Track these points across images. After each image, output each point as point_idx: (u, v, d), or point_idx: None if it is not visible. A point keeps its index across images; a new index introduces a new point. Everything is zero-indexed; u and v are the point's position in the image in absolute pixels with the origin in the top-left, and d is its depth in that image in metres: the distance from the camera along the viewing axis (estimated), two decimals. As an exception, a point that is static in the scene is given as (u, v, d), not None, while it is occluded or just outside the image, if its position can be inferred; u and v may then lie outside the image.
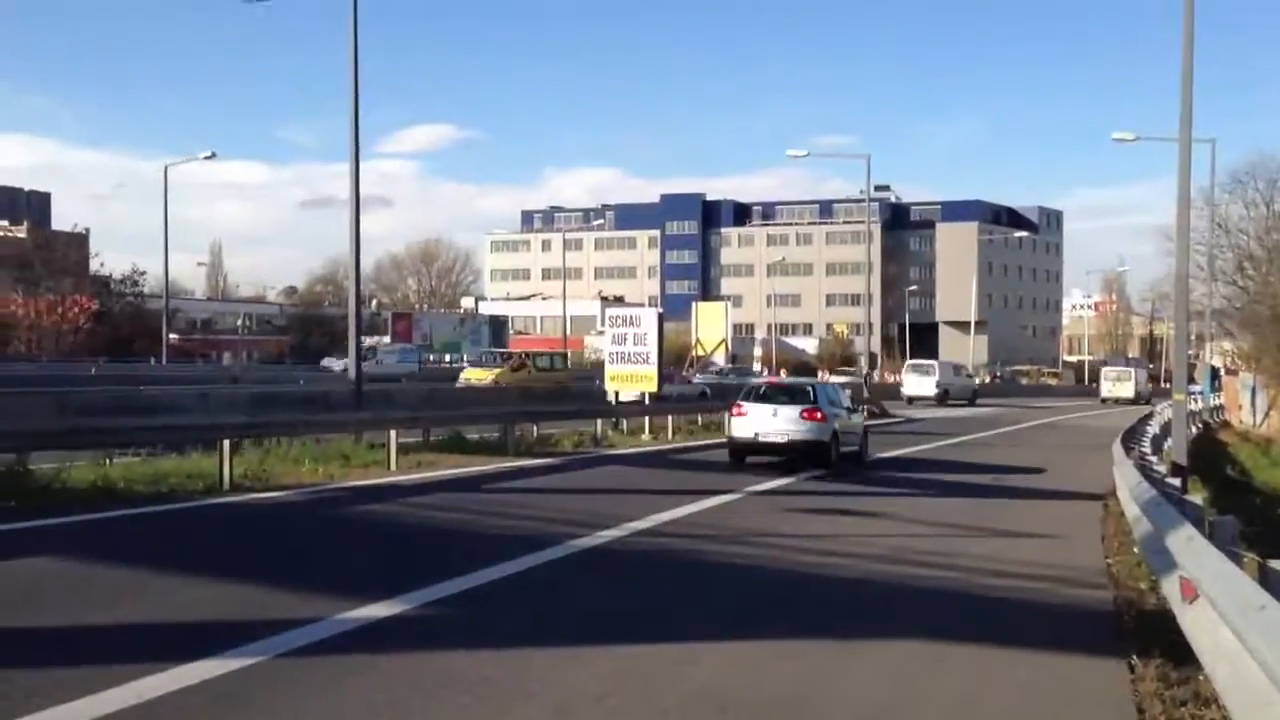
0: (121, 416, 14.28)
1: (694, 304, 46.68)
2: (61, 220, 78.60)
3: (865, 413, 37.65)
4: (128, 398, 17.23)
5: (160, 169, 47.21)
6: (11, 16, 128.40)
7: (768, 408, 19.01)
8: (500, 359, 44.27)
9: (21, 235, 65.97)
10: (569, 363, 49.50)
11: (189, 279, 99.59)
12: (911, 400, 52.25)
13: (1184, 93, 16.24)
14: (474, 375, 39.99)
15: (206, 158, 48.00)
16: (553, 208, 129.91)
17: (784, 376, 46.61)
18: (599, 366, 27.25)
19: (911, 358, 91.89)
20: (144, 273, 60.78)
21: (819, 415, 18.73)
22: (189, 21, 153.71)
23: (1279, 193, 52.93)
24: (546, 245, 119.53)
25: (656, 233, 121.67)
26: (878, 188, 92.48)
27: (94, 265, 61.40)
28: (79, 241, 68.49)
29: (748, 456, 19.04)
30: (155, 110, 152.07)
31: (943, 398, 52.62)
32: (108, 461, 14.10)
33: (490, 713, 5.42)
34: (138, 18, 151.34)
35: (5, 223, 70.85)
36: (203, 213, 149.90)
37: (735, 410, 19.52)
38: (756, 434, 18.73)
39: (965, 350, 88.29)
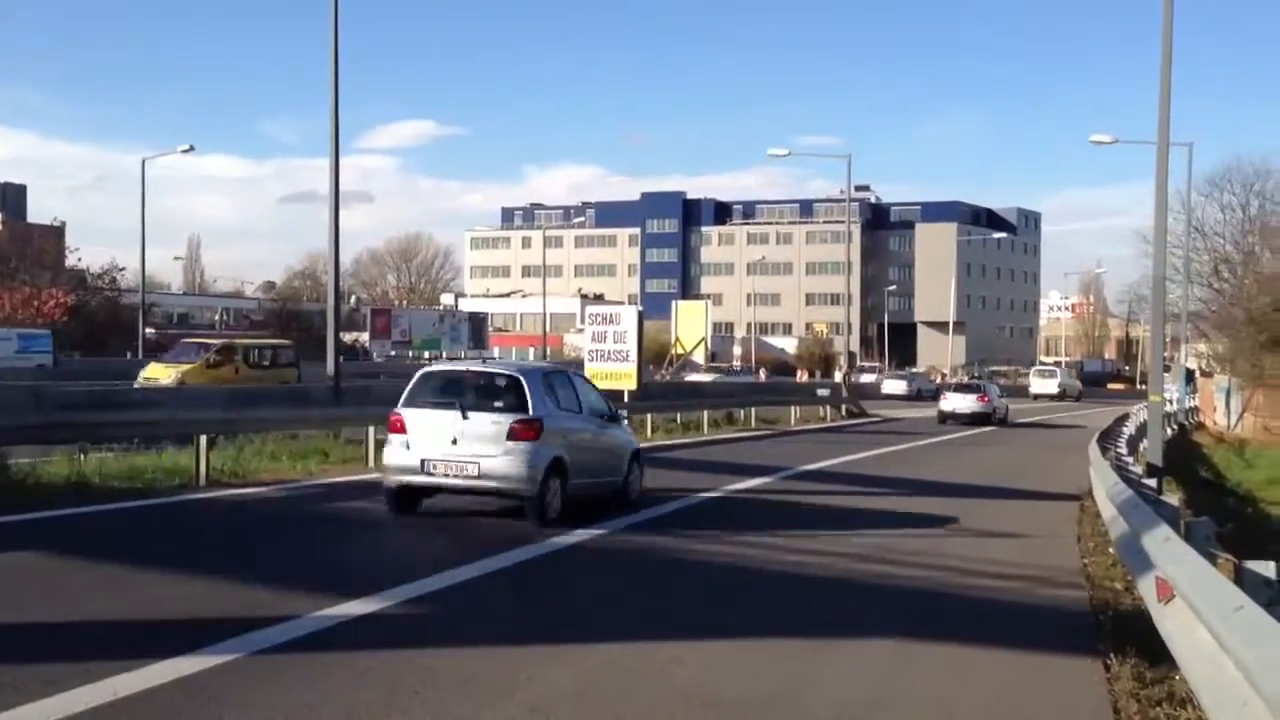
0: (97, 411, 14.17)
1: (674, 302, 46.61)
2: (38, 213, 78.07)
3: (845, 411, 38.22)
4: (104, 392, 17.09)
5: (139, 162, 46.92)
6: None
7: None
8: (198, 351, 30.96)
9: (-4, 228, 65.38)
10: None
11: (166, 273, 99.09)
12: (1037, 398, 60.95)
13: (1162, 97, 16.35)
14: (154, 373, 28.84)
15: (185, 151, 47.69)
16: (533, 205, 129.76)
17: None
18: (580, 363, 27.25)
19: (890, 357, 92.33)
20: (123, 269, 60.36)
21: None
22: (168, 14, 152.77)
23: (1255, 197, 53.49)
24: (527, 242, 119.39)
25: (637, 231, 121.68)
26: (858, 188, 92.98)
27: (71, 259, 60.86)
28: (55, 235, 67.91)
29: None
30: (134, 104, 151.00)
31: (1061, 395, 60.81)
32: (83, 457, 13.98)
33: (470, 710, 5.40)
34: (117, 10, 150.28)
35: (-20, 215, 70.20)
36: (182, 207, 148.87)
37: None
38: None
39: (944, 351, 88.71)
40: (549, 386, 11.85)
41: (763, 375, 68.11)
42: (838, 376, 48.53)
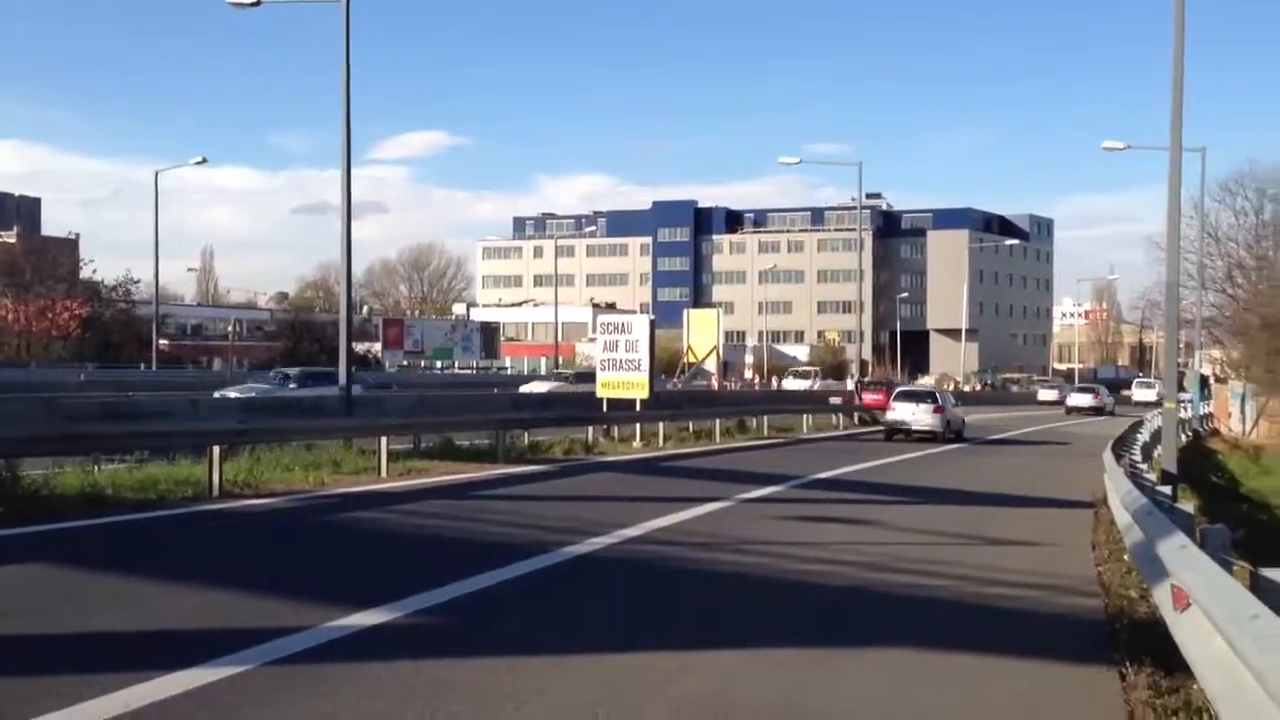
0: (111, 422, 14.22)
1: (685, 311, 46.64)
2: (52, 226, 78.47)
3: (857, 419, 38.11)
4: (117, 403, 17.15)
5: (152, 175, 47.17)
6: (4, 24, 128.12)
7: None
8: None
9: (11, 241, 65.77)
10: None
11: (180, 284, 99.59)
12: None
13: (1174, 102, 16.30)
14: None
15: (198, 163, 47.95)
16: (545, 214, 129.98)
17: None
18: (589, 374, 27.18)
19: (903, 365, 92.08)
20: (137, 280, 60.67)
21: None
22: (180, 27, 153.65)
23: (1269, 201, 53.24)
24: (538, 252, 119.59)
25: (648, 239, 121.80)
26: (869, 195, 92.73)
27: (85, 271, 61.20)
28: (69, 247, 68.26)
29: None
30: (148, 117, 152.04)
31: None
32: (96, 468, 14.03)
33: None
34: (129, 24, 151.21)
35: (-5, 228, 70.61)
36: (196, 218, 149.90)
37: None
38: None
39: (956, 358, 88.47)
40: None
41: (754, 380, 68.36)
42: (849, 384, 48.45)
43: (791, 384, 67.53)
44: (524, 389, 39.01)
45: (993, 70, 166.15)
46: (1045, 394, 78.95)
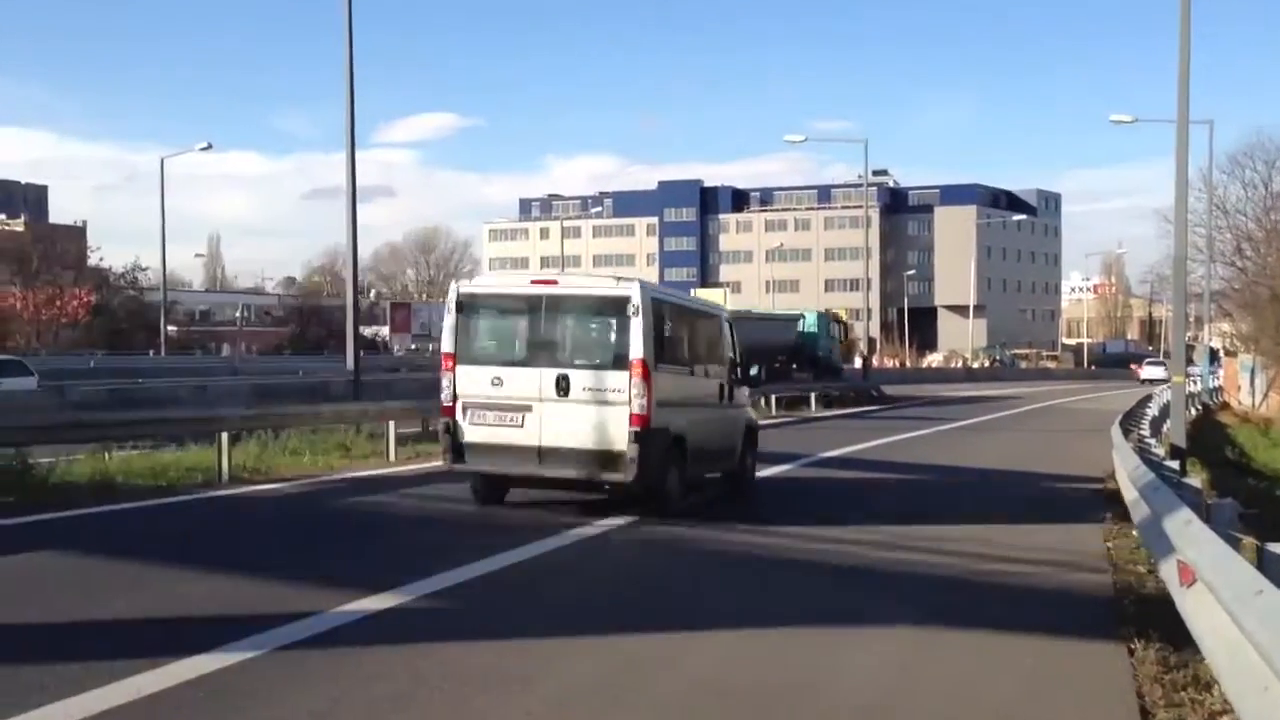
0: (120, 410, 14.29)
1: (693, 290, 46.66)
2: (59, 213, 78.62)
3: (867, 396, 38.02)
4: (127, 391, 17.21)
5: (158, 161, 47.16)
6: (6, 8, 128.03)
7: None
8: None
9: (19, 228, 65.90)
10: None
11: (188, 270, 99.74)
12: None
13: (1181, 74, 16.20)
14: None
15: (203, 149, 47.87)
16: (551, 196, 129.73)
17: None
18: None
19: (911, 342, 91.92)
20: (145, 267, 60.70)
21: None
22: (185, 12, 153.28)
23: (1277, 173, 52.84)
24: (545, 233, 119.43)
25: (655, 220, 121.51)
26: (876, 172, 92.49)
27: (93, 258, 61.28)
28: (77, 235, 68.39)
29: None
30: (153, 103, 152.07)
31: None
32: (107, 455, 14.09)
33: (492, 703, 5.42)
34: (133, 10, 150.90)
35: (2, 216, 70.80)
36: (203, 204, 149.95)
37: None
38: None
39: (964, 334, 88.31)
40: None
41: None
42: (858, 363, 48.39)
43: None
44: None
45: (999, 44, 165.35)
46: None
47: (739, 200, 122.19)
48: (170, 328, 53.45)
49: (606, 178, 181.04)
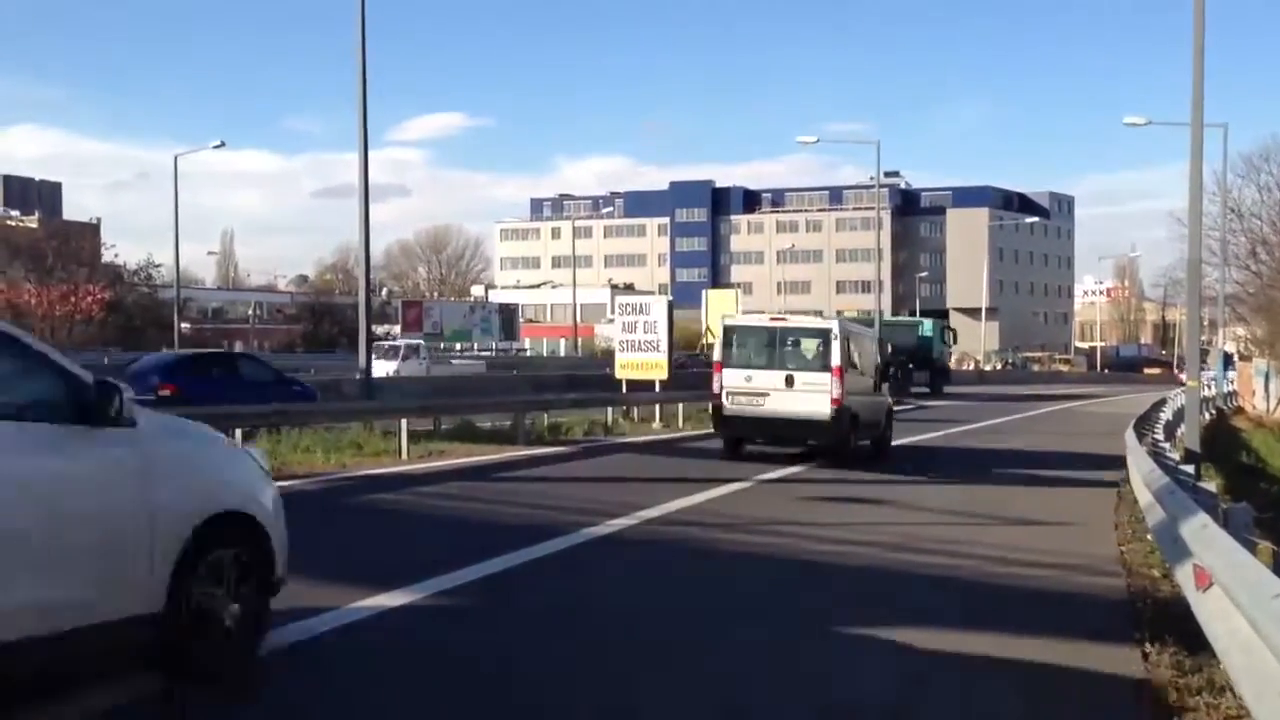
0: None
1: (704, 291, 46.60)
2: (73, 210, 78.87)
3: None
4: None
5: (171, 159, 47.38)
6: (21, 7, 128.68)
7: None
8: None
9: (33, 225, 66.18)
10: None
11: (200, 268, 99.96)
12: None
13: (1196, 77, 16.14)
14: None
15: (216, 147, 48.08)
16: (562, 195, 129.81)
17: None
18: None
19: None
20: (158, 264, 60.92)
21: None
22: (200, 12, 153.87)
23: (1292, 177, 52.59)
24: (556, 233, 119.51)
25: (666, 220, 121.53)
26: (888, 174, 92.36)
27: (107, 255, 61.51)
28: (91, 232, 68.65)
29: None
30: (166, 101, 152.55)
31: None
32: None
33: (505, 702, 5.43)
34: (149, 10, 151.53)
35: (16, 213, 71.09)
36: (216, 202, 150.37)
37: None
38: None
39: (976, 337, 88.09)
40: None
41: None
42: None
43: None
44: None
45: (1012, 46, 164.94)
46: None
47: (750, 201, 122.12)
48: (183, 325, 53.64)
49: (618, 178, 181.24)
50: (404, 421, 17.24)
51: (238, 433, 14.03)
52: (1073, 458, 20.66)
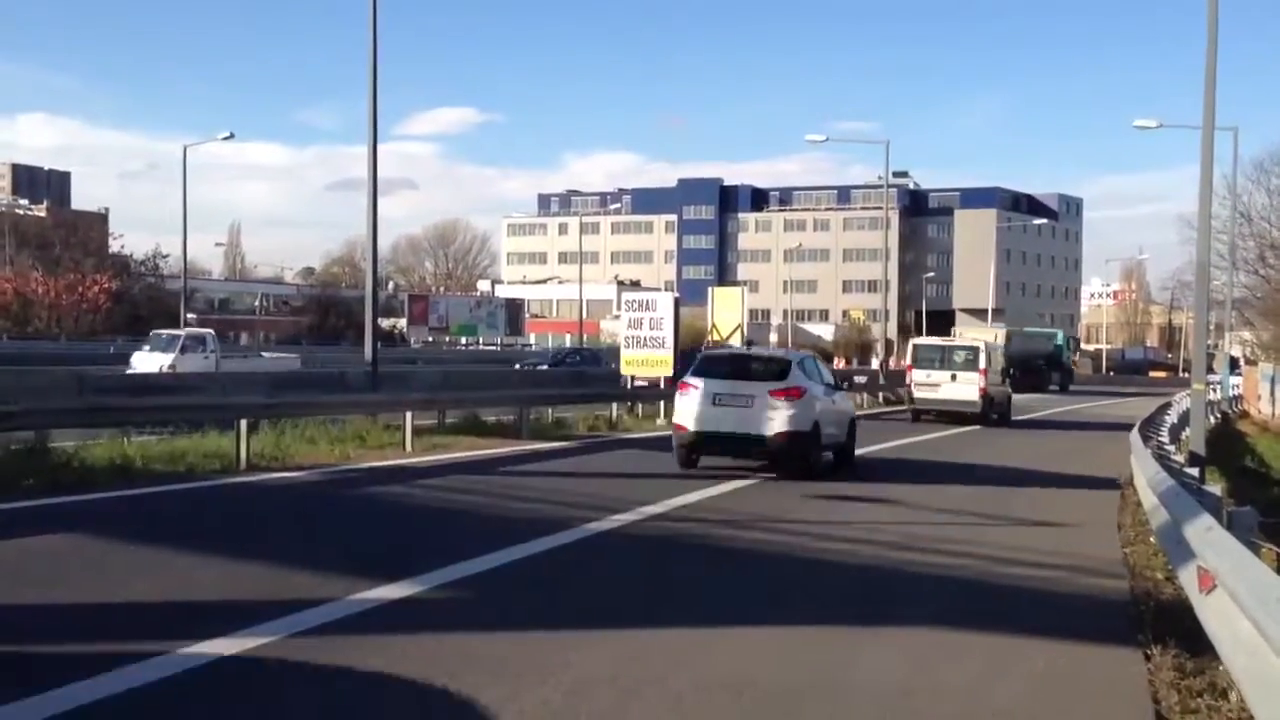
0: (139, 395, 14.37)
1: (710, 289, 46.44)
2: (82, 200, 79.05)
3: (882, 398, 37.94)
4: (144, 377, 17.30)
5: (180, 150, 47.43)
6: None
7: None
8: None
9: (42, 214, 66.38)
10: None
11: (208, 259, 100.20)
12: None
13: (1207, 80, 16.09)
14: None
15: (225, 138, 48.09)
16: (570, 191, 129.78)
17: None
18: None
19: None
20: (165, 255, 61.08)
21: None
22: (212, 3, 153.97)
23: (1302, 182, 52.39)
24: (563, 229, 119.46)
25: (674, 217, 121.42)
26: (896, 174, 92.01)
27: (115, 245, 61.71)
28: (99, 221, 68.85)
29: None
30: (177, 92, 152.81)
31: None
32: (126, 440, 14.17)
33: (506, 693, 5.42)
34: (162, 1, 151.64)
35: (25, 201, 71.29)
36: (225, 194, 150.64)
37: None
38: None
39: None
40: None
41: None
42: (874, 364, 48.28)
43: None
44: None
45: (1023, 47, 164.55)
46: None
47: (758, 199, 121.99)
48: (190, 316, 53.75)
49: (625, 175, 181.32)
50: (408, 414, 17.25)
51: (243, 423, 14.04)
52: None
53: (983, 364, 28.65)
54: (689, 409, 14.94)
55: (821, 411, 15.44)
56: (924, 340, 33.69)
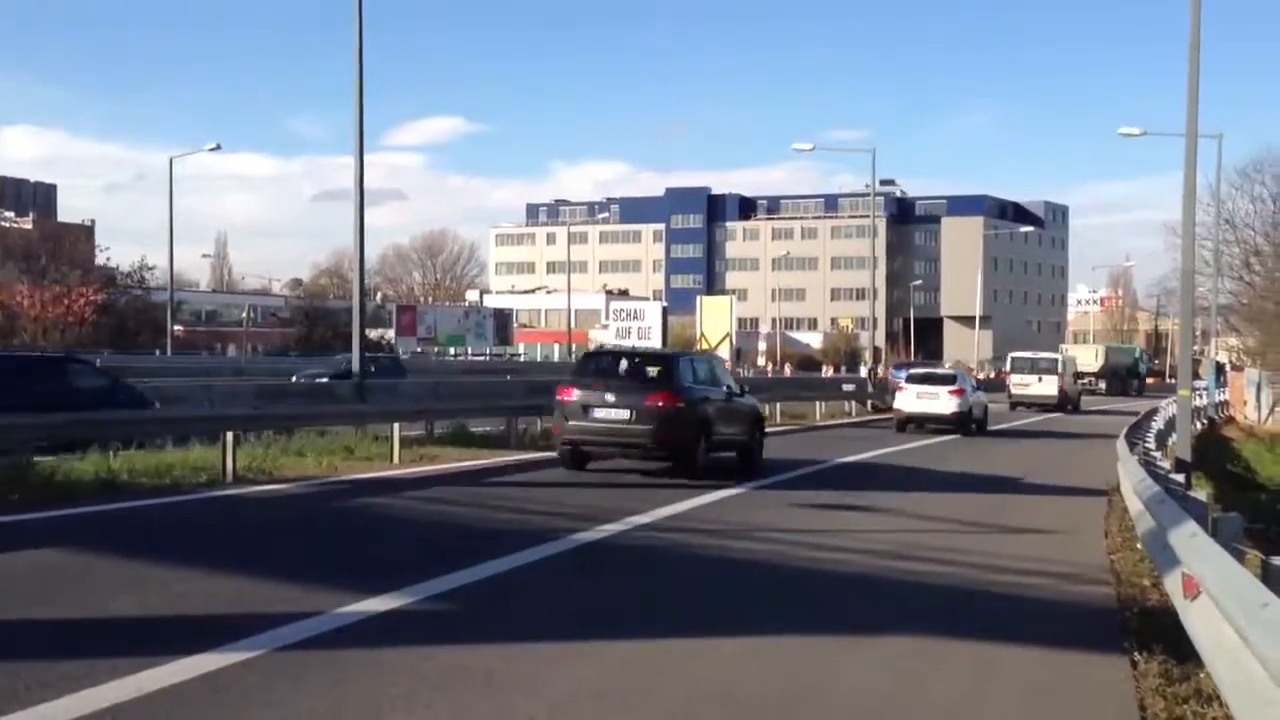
0: (125, 409, 14.29)
1: (698, 298, 46.51)
2: (68, 212, 78.66)
3: (870, 406, 38.02)
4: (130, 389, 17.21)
5: (167, 161, 47.31)
6: (19, 8, 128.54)
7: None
8: None
9: (27, 227, 66.04)
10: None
11: (195, 270, 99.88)
12: None
13: (1191, 88, 16.20)
14: None
15: (212, 149, 48.03)
16: (558, 201, 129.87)
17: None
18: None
19: (915, 354, 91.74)
20: (152, 267, 60.79)
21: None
22: (196, 13, 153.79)
23: (1286, 188, 52.73)
24: (551, 238, 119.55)
25: (661, 226, 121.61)
26: (883, 182, 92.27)
27: (101, 257, 61.35)
28: (85, 233, 68.50)
29: None
30: (162, 103, 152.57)
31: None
32: (111, 454, 14.11)
33: (494, 708, 5.41)
34: (148, 9, 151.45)
35: (11, 214, 70.94)
36: (212, 205, 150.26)
37: None
38: None
39: (970, 345, 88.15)
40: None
41: (767, 367, 67.51)
42: (863, 372, 48.38)
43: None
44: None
45: (1008, 57, 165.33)
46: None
47: (746, 208, 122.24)
48: (176, 327, 53.51)
49: (614, 184, 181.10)
50: (396, 425, 17.21)
51: (229, 436, 13.99)
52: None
53: (1060, 370, 42.21)
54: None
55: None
56: (1020, 354, 45.41)
